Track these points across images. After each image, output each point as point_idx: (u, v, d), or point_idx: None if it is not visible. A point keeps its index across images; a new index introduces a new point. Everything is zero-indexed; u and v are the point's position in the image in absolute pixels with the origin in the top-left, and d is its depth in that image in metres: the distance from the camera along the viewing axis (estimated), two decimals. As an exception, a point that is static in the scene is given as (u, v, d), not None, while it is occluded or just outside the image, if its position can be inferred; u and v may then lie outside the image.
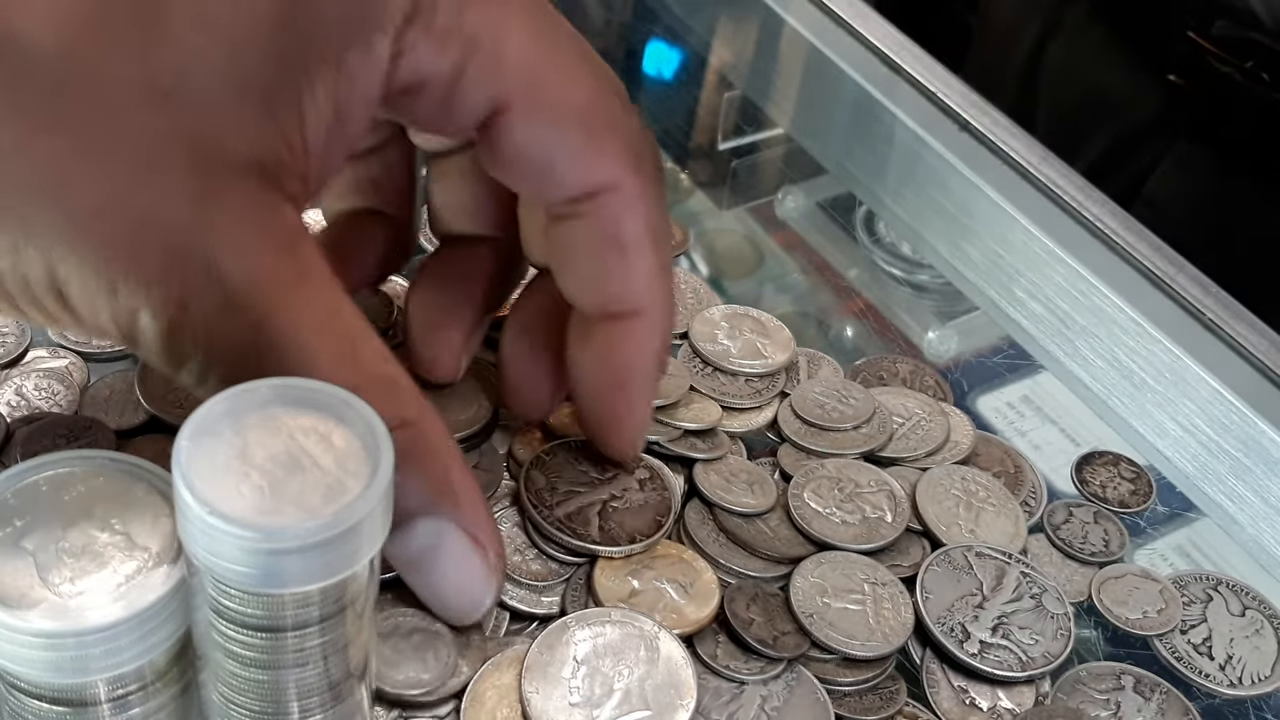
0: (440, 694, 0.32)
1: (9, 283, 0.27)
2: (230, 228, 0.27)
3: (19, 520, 0.26)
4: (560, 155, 0.32)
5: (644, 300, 0.34)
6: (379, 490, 0.25)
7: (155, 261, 0.26)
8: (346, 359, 0.28)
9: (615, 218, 0.33)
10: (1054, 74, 0.74)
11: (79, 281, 0.26)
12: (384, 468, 0.25)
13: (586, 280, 0.34)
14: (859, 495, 0.38)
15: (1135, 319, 0.46)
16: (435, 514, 0.30)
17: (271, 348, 0.27)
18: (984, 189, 0.51)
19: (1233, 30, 0.64)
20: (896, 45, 0.57)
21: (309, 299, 0.28)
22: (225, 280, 0.27)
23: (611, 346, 0.34)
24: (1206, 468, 0.43)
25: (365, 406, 0.26)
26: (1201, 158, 0.68)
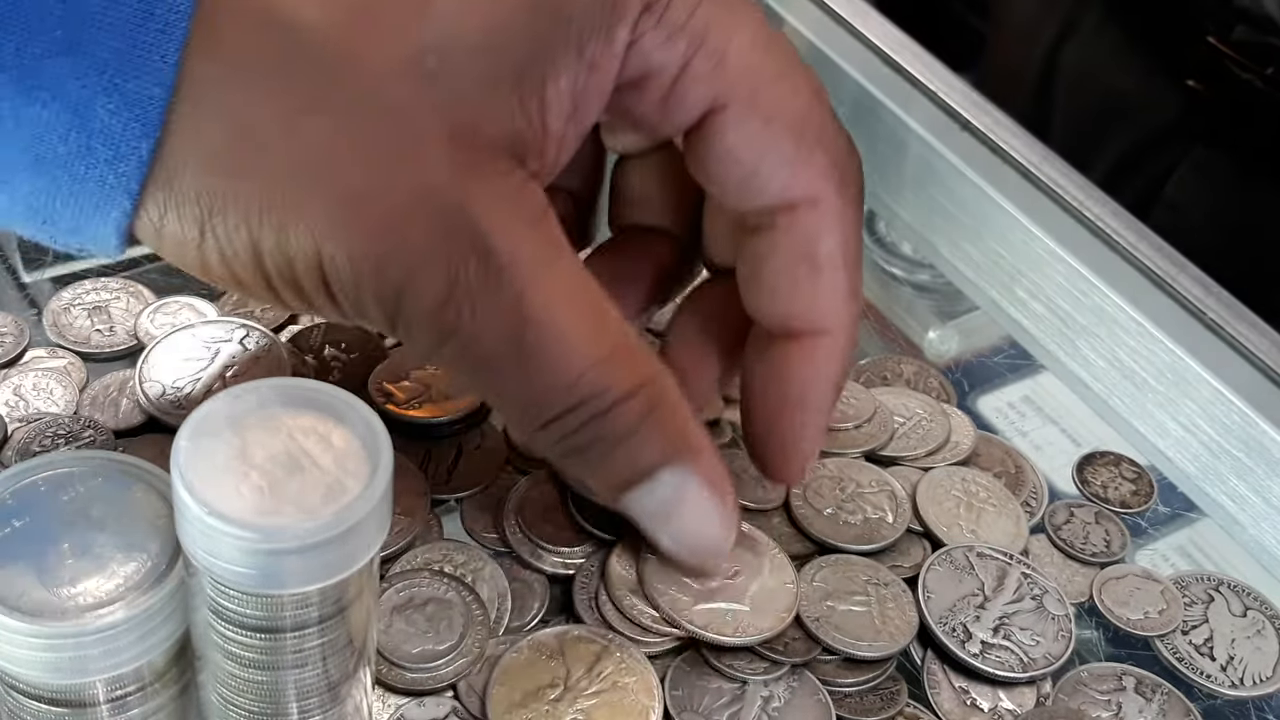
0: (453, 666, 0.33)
1: (270, 264, 0.27)
2: (492, 205, 0.27)
3: (18, 520, 0.26)
4: (768, 162, 0.32)
5: (830, 321, 0.33)
6: (379, 490, 0.25)
7: (422, 239, 0.27)
8: (596, 328, 0.29)
9: (812, 233, 0.32)
10: (1070, 78, 0.74)
11: (344, 266, 0.27)
12: (384, 468, 0.25)
13: (774, 294, 0.33)
14: (860, 495, 0.38)
15: (1136, 319, 0.46)
16: (677, 464, 0.31)
17: (531, 318, 0.28)
18: (985, 188, 0.51)
19: (1253, 36, 0.64)
20: (897, 45, 0.57)
21: (562, 272, 0.29)
22: (491, 253, 0.27)
23: (790, 365, 0.34)
24: (1208, 468, 0.43)
25: (365, 406, 0.26)
26: (1220, 163, 0.68)
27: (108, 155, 0.26)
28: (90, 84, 0.25)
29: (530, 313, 0.28)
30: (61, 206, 0.27)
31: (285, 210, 0.26)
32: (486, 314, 0.28)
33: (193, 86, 0.26)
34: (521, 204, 0.28)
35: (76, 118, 0.25)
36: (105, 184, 0.26)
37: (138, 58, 0.25)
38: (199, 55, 0.25)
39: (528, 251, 0.28)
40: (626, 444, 0.30)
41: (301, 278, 0.27)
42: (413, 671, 0.33)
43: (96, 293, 0.42)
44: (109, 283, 0.43)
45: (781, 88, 0.32)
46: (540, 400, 0.29)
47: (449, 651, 0.33)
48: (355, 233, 0.27)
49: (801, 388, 0.34)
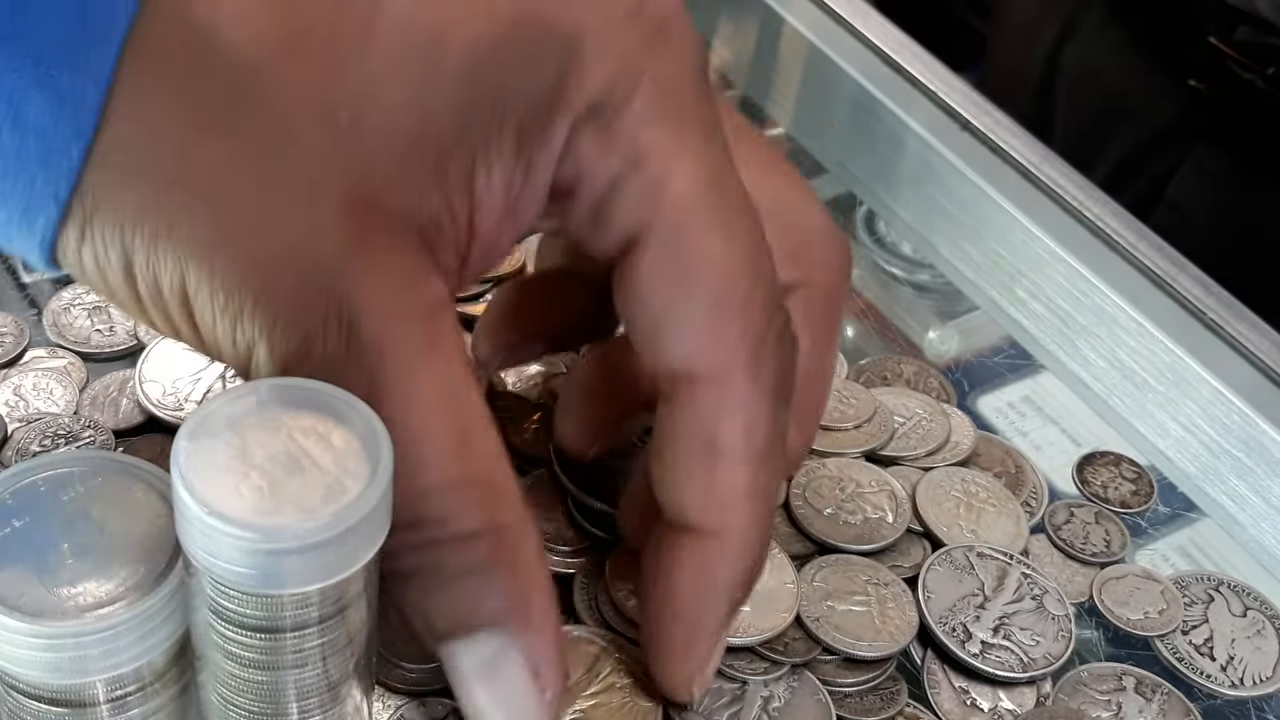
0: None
1: (141, 283, 0.26)
2: (371, 280, 0.26)
3: (17, 520, 0.26)
4: (674, 319, 0.29)
5: (722, 521, 0.30)
6: (378, 491, 0.25)
7: (287, 295, 0.25)
8: (455, 446, 0.27)
9: (711, 416, 0.29)
10: (1072, 78, 0.74)
11: (207, 295, 0.25)
12: (384, 468, 0.25)
13: (671, 478, 0.30)
14: (860, 495, 0.38)
15: (1136, 319, 0.46)
16: (502, 631, 0.28)
17: (382, 412, 0.25)
18: (985, 188, 0.51)
19: (1255, 36, 0.64)
20: (897, 44, 0.57)
21: (433, 374, 0.27)
22: (353, 333, 0.25)
23: (679, 566, 0.30)
24: (1208, 468, 0.43)
25: (365, 406, 0.26)
26: (1222, 163, 0.68)
27: (40, 154, 0.24)
28: (25, 76, 0.24)
29: (383, 406, 0.25)
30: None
31: (159, 224, 0.25)
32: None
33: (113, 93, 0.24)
34: (409, 290, 0.26)
35: (10, 109, 0.24)
36: (35, 186, 0.25)
37: (76, 54, 0.24)
38: (125, 62, 0.24)
39: (397, 341, 0.26)
40: (454, 587, 0.27)
41: (167, 302, 0.26)
42: (413, 672, 0.33)
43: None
44: (109, 283, 0.43)
45: (712, 241, 0.28)
46: None
47: None
48: (223, 264, 0.25)
49: (687, 593, 0.30)
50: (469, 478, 0.27)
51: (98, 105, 0.24)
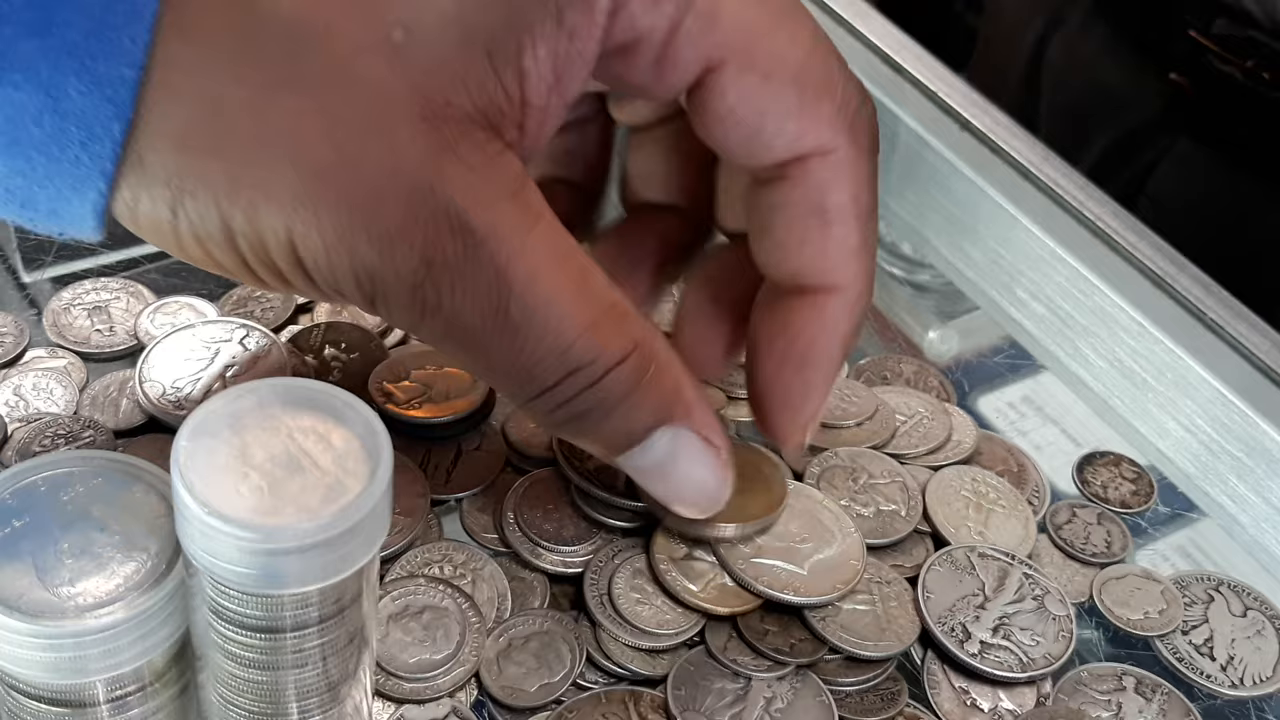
0: (450, 675, 0.33)
1: (244, 244, 0.27)
2: (465, 178, 0.27)
3: (17, 521, 0.26)
4: (772, 116, 0.31)
5: (840, 276, 0.33)
6: (379, 490, 0.25)
7: (395, 216, 0.27)
8: (583, 292, 0.29)
9: (822, 185, 0.32)
10: (1056, 72, 0.74)
11: (317, 241, 0.26)
12: (384, 468, 0.25)
13: (783, 247, 0.33)
14: (873, 487, 0.38)
15: (1136, 319, 0.46)
16: (672, 422, 0.31)
17: (513, 293, 0.28)
18: (985, 188, 0.51)
19: (1233, 29, 0.64)
20: (897, 45, 0.57)
21: (543, 240, 0.28)
22: (467, 229, 0.27)
23: (799, 321, 0.33)
24: (1208, 468, 0.43)
25: (365, 406, 0.26)
26: (1203, 156, 0.68)
27: (81, 137, 0.25)
28: (61, 65, 0.25)
29: (512, 286, 0.28)
30: (39, 189, 0.26)
31: (254, 189, 0.26)
32: (467, 290, 0.27)
33: (163, 67, 0.25)
34: (497, 175, 0.28)
35: (49, 99, 0.25)
36: (80, 165, 0.26)
37: (107, 38, 0.25)
38: (168, 36, 0.25)
39: (505, 223, 0.28)
40: (621, 409, 0.30)
41: (275, 257, 0.27)
42: (410, 681, 0.33)
43: (96, 293, 0.42)
44: (109, 283, 0.43)
45: (779, 39, 0.31)
46: (530, 372, 0.29)
47: (446, 660, 0.33)
48: (326, 212, 0.26)
49: (809, 344, 0.33)
50: (601, 316, 0.29)
51: (134, 83, 0.25)
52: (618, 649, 0.34)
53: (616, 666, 0.34)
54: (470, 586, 0.35)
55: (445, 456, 0.38)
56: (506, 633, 0.34)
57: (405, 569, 0.35)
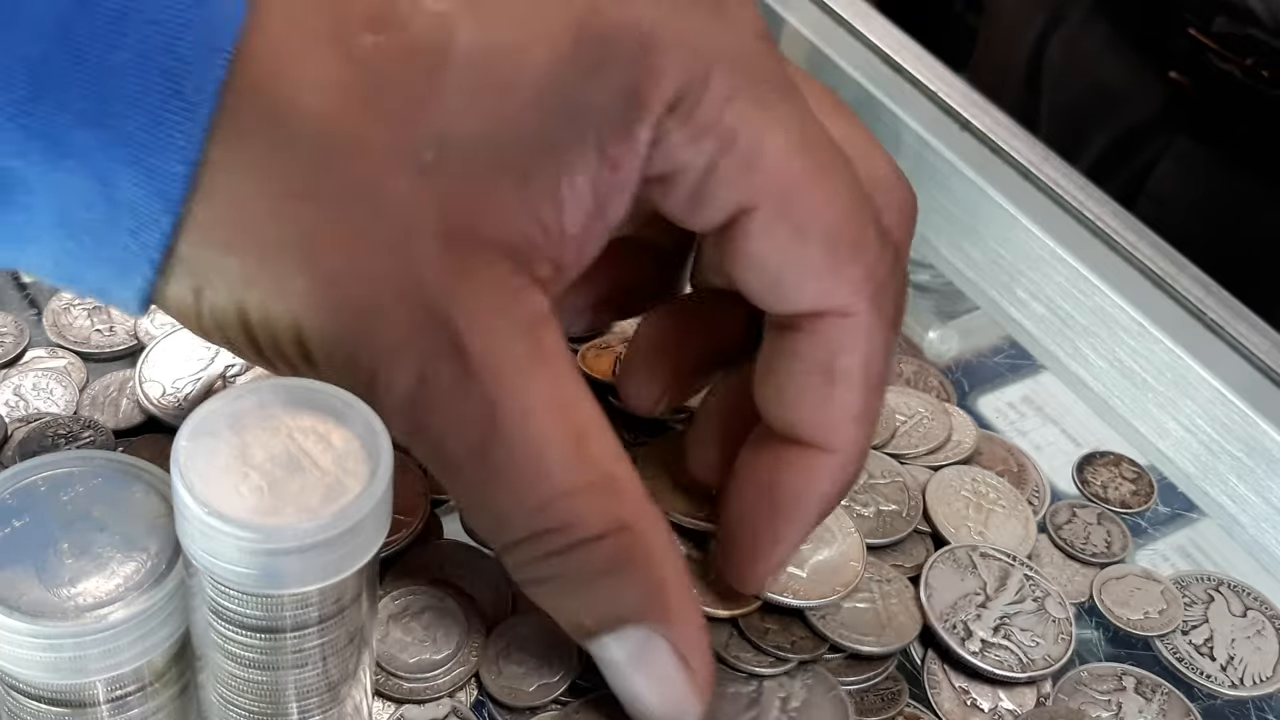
0: (451, 675, 0.33)
1: (258, 334, 0.27)
2: (476, 307, 0.27)
3: (17, 521, 0.26)
4: (797, 270, 0.30)
5: (834, 439, 0.31)
6: (378, 491, 0.25)
7: (396, 331, 0.26)
8: (574, 452, 0.28)
9: (835, 345, 0.31)
10: (1056, 70, 0.74)
11: (322, 344, 0.27)
12: (384, 468, 0.25)
13: (783, 396, 0.32)
14: (873, 487, 0.38)
15: (1136, 319, 0.46)
16: (644, 624, 0.29)
17: (501, 431, 0.27)
18: (985, 189, 0.51)
19: (1232, 27, 0.64)
20: (897, 45, 0.57)
21: (544, 385, 0.27)
22: (465, 355, 0.26)
23: (784, 471, 0.32)
24: (1208, 468, 0.43)
25: (365, 406, 0.26)
26: (1203, 155, 0.68)
27: (131, 226, 0.26)
28: (116, 156, 0.25)
29: (499, 425, 0.27)
30: (87, 269, 0.27)
31: (268, 286, 0.27)
32: (454, 419, 0.27)
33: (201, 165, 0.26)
34: (512, 309, 0.27)
35: (102, 187, 0.26)
36: (129, 252, 0.26)
37: (163, 135, 0.25)
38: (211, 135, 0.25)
39: (507, 359, 0.27)
40: (588, 590, 0.29)
41: (285, 349, 0.27)
42: (410, 681, 0.33)
43: (96, 293, 0.42)
44: (109, 283, 0.43)
45: (816, 194, 0.30)
46: (500, 520, 0.28)
47: (446, 660, 0.33)
48: (330, 316, 0.26)
49: (788, 495, 0.32)
50: (589, 482, 0.28)
51: (185, 179, 0.25)
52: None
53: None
54: (470, 586, 0.35)
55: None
56: (506, 633, 0.34)
57: (405, 569, 0.35)
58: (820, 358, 0.31)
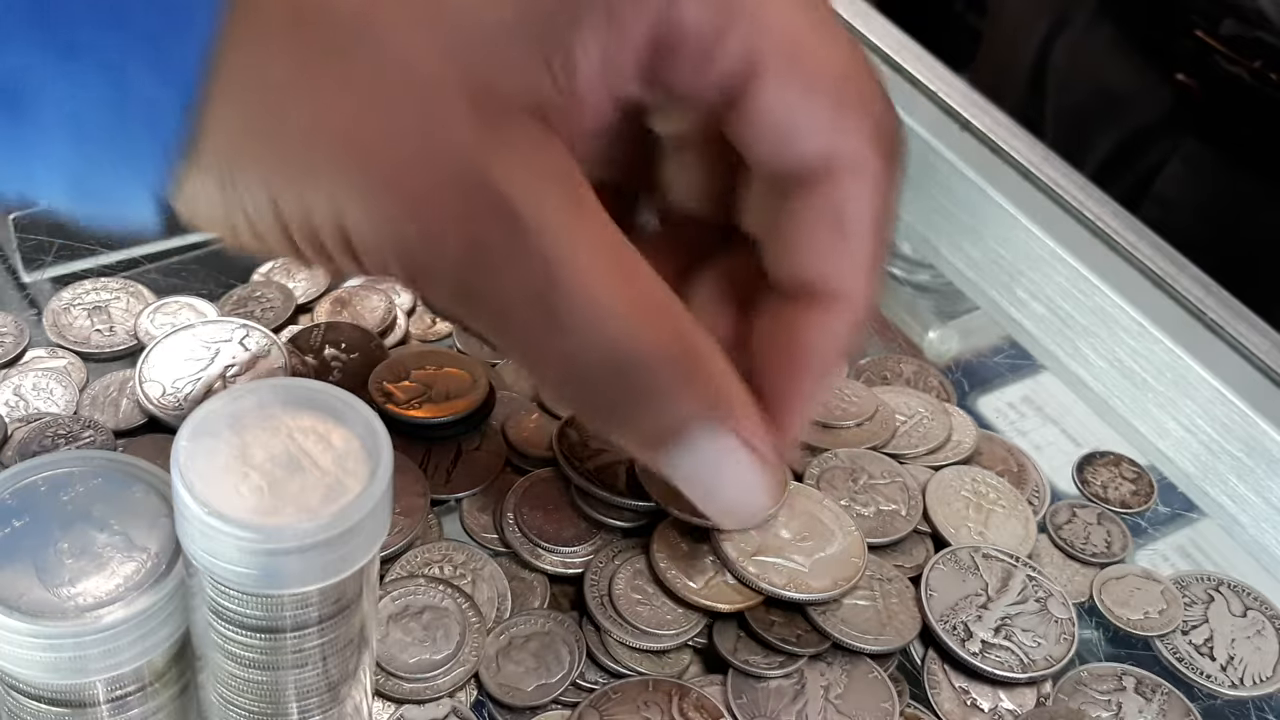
0: (450, 675, 0.33)
1: (293, 225, 0.27)
2: (515, 166, 0.27)
3: (17, 521, 0.26)
4: (806, 123, 0.31)
5: (849, 287, 0.33)
6: (379, 490, 0.25)
7: (443, 201, 0.27)
8: (628, 283, 0.29)
9: (845, 196, 0.32)
10: (1061, 73, 0.74)
11: (368, 228, 0.27)
12: (383, 468, 0.25)
13: (797, 253, 0.33)
14: (873, 487, 0.38)
15: (1137, 319, 0.46)
16: (713, 423, 0.30)
17: (560, 282, 0.28)
18: (985, 189, 0.51)
19: (1241, 30, 0.64)
20: (897, 45, 0.57)
21: (590, 229, 0.28)
22: (514, 216, 0.27)
23: (804, 326, 0.33)
24: (1208, 468, 0.43)
25: (365, 406, 0.26)
26: (1210, 157, 0.68)
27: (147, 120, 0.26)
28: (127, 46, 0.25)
29: (558, 274, 0.28)
30: (100, 174, 0.27)
31: (305, 173, 0.26)
32: (510, 276, 0.28)
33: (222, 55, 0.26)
34: (546, 163, 0.28)
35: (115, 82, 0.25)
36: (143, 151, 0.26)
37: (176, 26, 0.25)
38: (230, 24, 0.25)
39: (553, 211, 0.28)
40: (660, 403, 0.30)
41: (324, 238, 0.27)
42: (410, 682, 0.33)
43: (96, 293, 0.42)
44: (109, 283, 0.43)
45: (820, 49, 0.31)
46: (570, 362, 0.29)
47: (446, 661, 0.33)
48: (374, 196, 0.27)
49: (809, 348, 0.33)
50: (644, 307, 0.29)
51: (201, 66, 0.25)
52: (619, 650, 0.34)
53: (618, 667, 0.34)
54: (470, 586, 0.35)
55: (445, 456, 0.38)
56: (506, 633, 0.34)
57: (405, 569, 0.35)
58: (833, 211, 0.32)
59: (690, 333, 0.30)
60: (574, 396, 0.30)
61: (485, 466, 0.38)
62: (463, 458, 0.38)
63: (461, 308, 0.28)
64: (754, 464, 0.31)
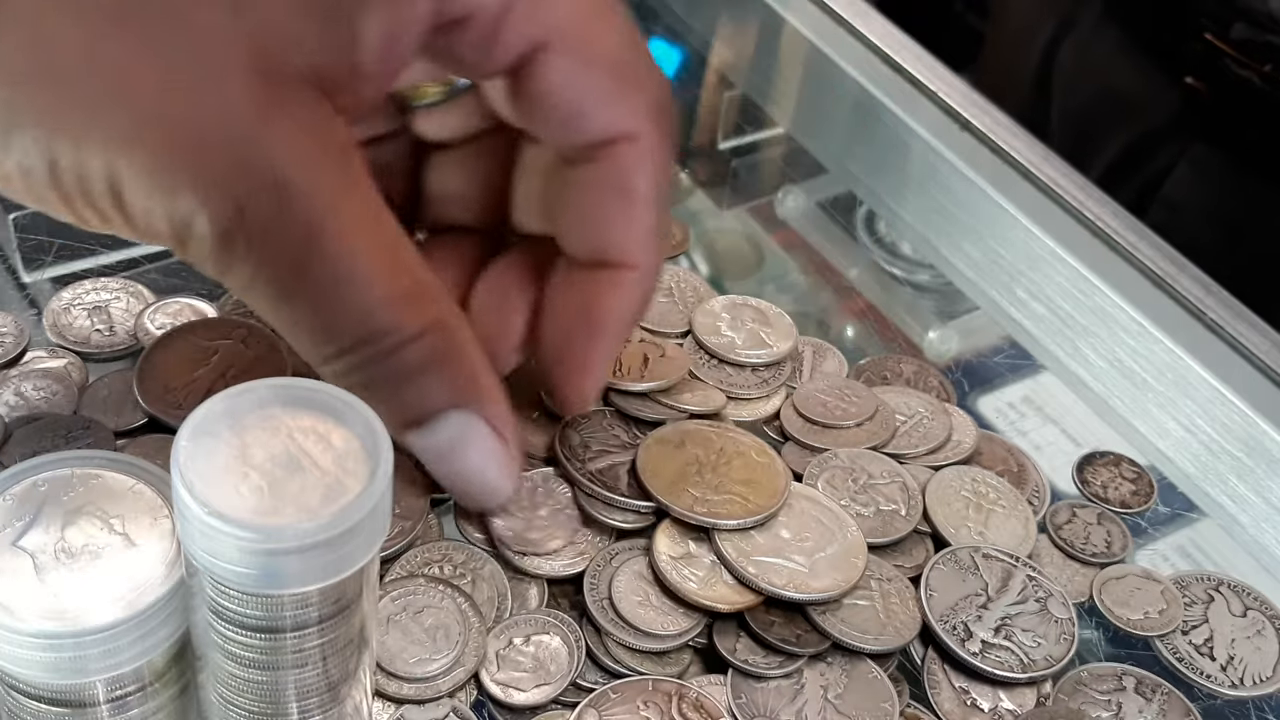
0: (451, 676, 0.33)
1: (67, 181, 0.27)
2: (290, 133, 0.28)
3: (18, 520, 0.26)
4: (590, 99, 0.33)
5: (638, 255, 0.35)
6: (379, 490, 0.25)
7: (216, 165, 0.27)
8: (389, 265, 0.30)
9: (629, 168, 0.34)
10: (1067, 75, 0.74)
11: (136, 182, 0.27)
12: (384, 468, 0.25)
13: (588, 224, 0.35)
14: (873, 487, 0.38)
15: (1136, 319, 0.46)
16: (463, 406, 0.32)
17: (321, 251, 0.28)
18: (985, 188, 0.51)
19: (1252, 33, 0.64)
20: (897, 44, 0.57)
21: (358, 206, 0.29)
22: (283, 183, 0.27)
23: (597, 294, 0.35)
24: (1208, 468, 0.43)
25: (365, 406, 0.26)
26: (1218, 161, 0.68)
27: None
28: None
29: (321, 244, 0.28)
30: None
31: (81, 126, 0.26)
32: (274, 242, 0.28)
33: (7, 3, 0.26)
34: (322, 135, 0.28)
35: None
36: None
37: None
38: None
39: (323, 182, 0.28)
40: (412, 384, 0.31)
41: (96, 194, 0.27)
42: (410, 681, 0.33)
43: (96, 293, 0.42)
44: (109, 283, 0.43)
45: (601, 28, 0.33)
46: (327, 332, 0.30)
47: (446, 660, 0.33)
48: (148, 152, 0.27)
49: (605, 316, 0.35)
50: (405, 289, 0.30)
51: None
52: (619, 651, 0.34)
53: (618, 667, 0.34)
54: (470, 586, 0.35)
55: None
56: (506, 632, 0.34)
57: (405, 569, 0.35)
58: (618, 182, 0.34)
59: (447, 318, 0.31)
60: (328, 367, 0.31)
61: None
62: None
63: (226, 272, 0.29)
64: (496, 447, 0.33)
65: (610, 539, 0.37)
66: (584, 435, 0.38)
